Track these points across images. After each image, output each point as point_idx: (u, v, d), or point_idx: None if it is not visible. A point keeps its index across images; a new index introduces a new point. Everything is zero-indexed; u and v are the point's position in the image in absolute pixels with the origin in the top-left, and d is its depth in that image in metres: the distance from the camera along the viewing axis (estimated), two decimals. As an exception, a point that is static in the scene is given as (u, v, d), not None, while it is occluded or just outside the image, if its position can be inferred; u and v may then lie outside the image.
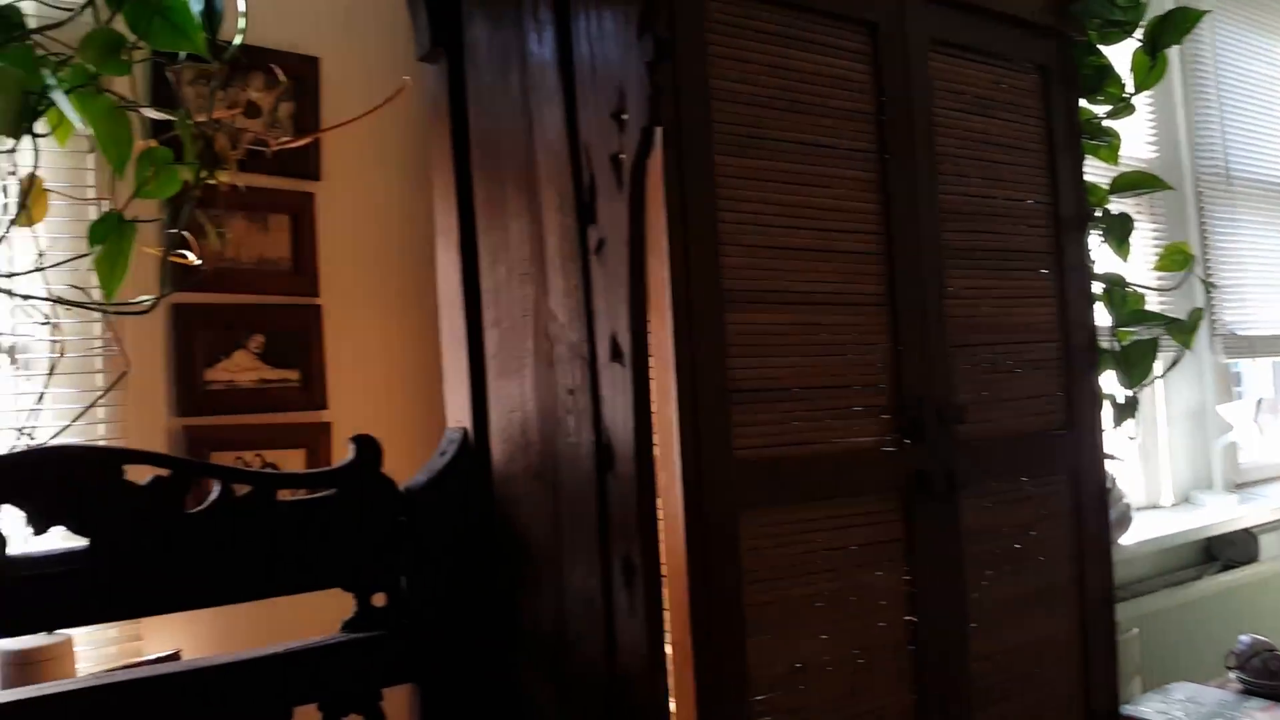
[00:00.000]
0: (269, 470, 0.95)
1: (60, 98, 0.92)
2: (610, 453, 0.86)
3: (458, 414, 1.05)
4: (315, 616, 1.15)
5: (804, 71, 1.07)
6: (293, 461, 1.41)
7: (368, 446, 1.00)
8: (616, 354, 0.85)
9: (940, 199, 1.19)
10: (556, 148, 0.90)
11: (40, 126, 1.02)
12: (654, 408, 0.87)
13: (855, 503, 1.05)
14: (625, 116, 0.83)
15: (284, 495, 0.99)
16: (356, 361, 1.45)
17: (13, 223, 1.01)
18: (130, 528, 0.89)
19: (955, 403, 1.15)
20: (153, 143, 1.07)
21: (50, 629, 0.91)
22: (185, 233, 1.14)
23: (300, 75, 1.41)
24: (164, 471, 0.91)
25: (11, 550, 0.84)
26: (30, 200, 1.02)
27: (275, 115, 1.38)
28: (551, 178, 0.91)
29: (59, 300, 0.99)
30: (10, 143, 1.00)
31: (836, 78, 1.11)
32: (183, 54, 1.08)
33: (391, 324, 1.49)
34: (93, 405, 1.13)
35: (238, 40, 1.10)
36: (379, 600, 1.00)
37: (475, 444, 1.04)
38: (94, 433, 1.28)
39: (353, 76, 1.45)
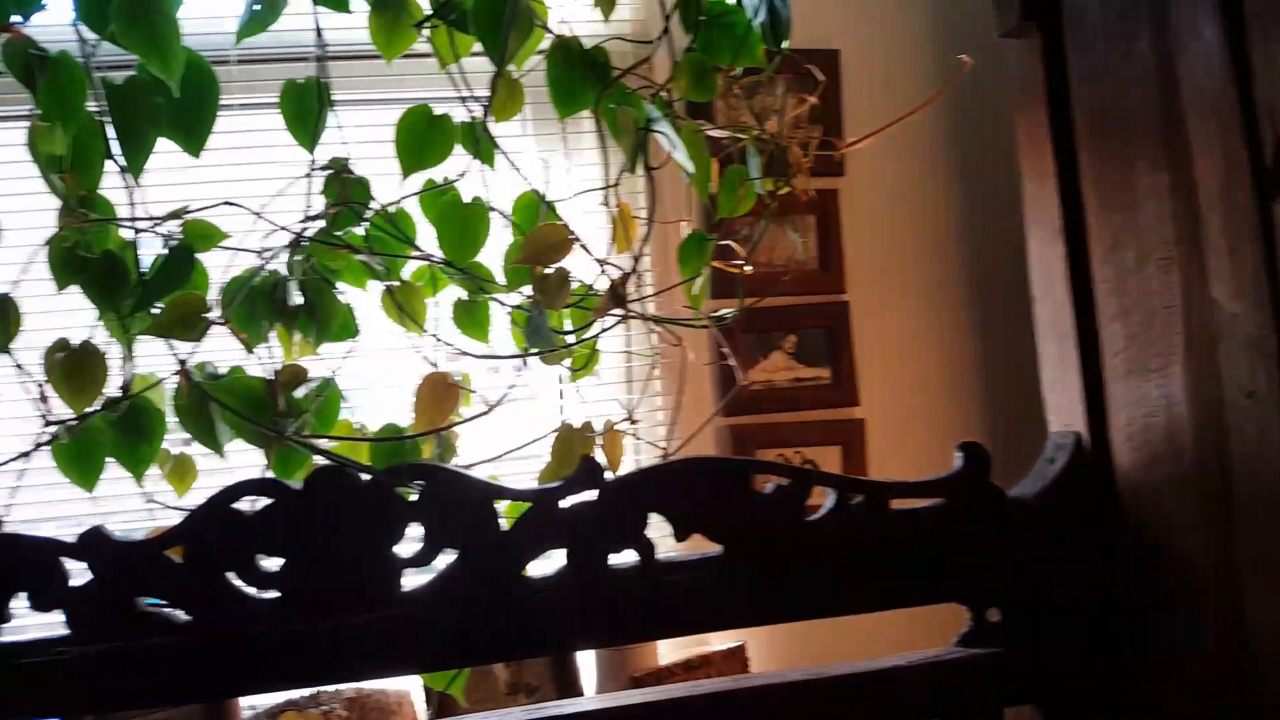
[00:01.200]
0: (884, 480, 0.93)
1: (667, 128, 0.97)
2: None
3: (1065, 416, 0.97)
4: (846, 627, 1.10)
5: None
6: (829, 458, 1.42)
7: (976, 454, 0.95)
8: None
9: None
10: (1219, 113, 0.78)
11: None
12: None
13: None
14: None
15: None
16: (886, 357, 1.42)
17: (610, 250, 1.08)
18: (757, 535, 0.91)
19: None
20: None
21: (690, 631, 0.96)
22: (732, 243, 1.17)
23: (822, 70, 1.41)
24: (784, 480, 0.92)
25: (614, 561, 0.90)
26: (623, 228, 1.09)
27: (802, 114, 1.39)
28: (1211, 148, 0.80)
29: (657, 319, 1.05)
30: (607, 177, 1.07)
31: None
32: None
33: (919, 317, 1.44)
34: (673, 408, 1.19)
35: (785, 45, 1.10)
36: (993, 615, 0.95)
37: (1092, 449, 0.95)
38: (655, 435, 1.37)
39: (871, 67, 1.42)
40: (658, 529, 0.91)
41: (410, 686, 1.42)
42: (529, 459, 1.04)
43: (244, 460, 1.00)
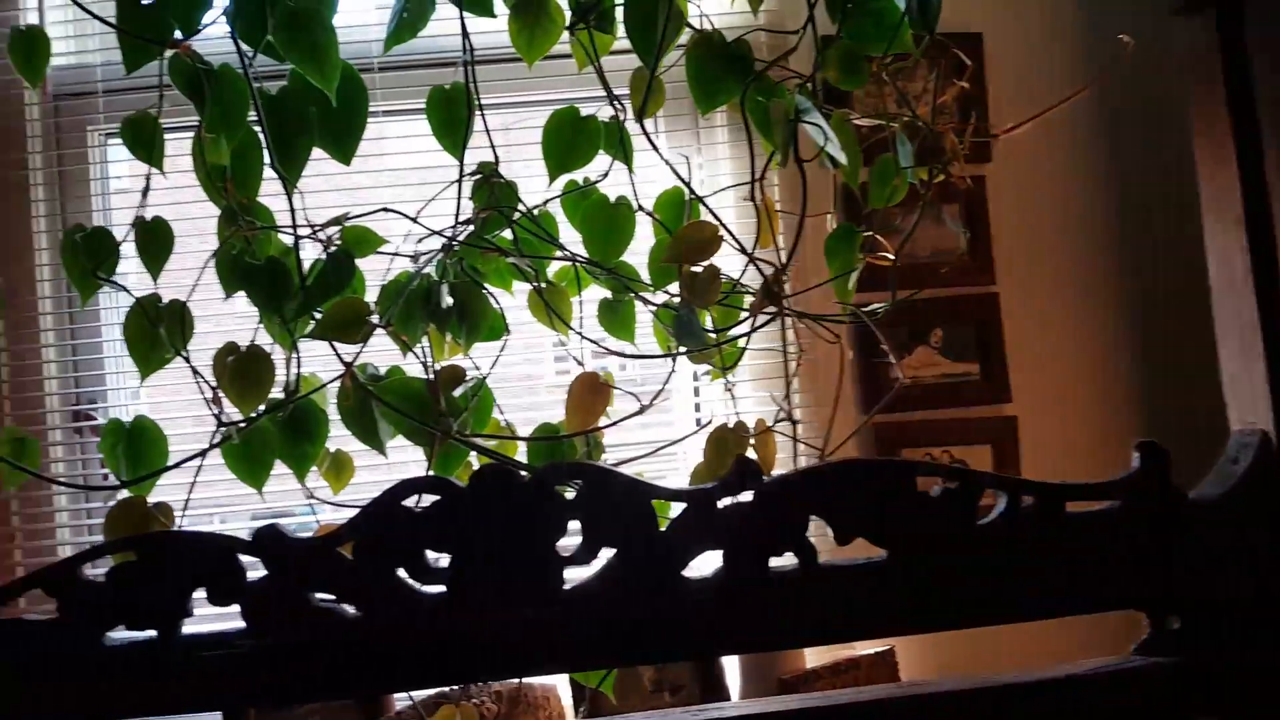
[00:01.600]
0: (1059, 483, 0.89)
1: (819, 119, 0.95)
2: None
3: (1249, 413, 0.91)
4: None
5: None
6: (979, 457, 1.37)
7: (1155, 454, 0.89)
8: None
9: None
10: None
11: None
12: None
13: None
14: None
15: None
16: (1038, 351, 1.36)
17: (756, 243, 1.07)
18: (924, 540, 0.88)
19: None
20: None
21: (852, 639, 0.94)
22: (876, 234, 1.14)
23: (966, 54, 1.36)
24: (951, 483, 0.89)
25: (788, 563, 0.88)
26: (767, 222, 1.07)
27: (948, 100, 1.34)
28: None
29: (815, 316, 1.03)
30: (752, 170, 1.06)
31: None
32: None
33: (1073, 308, 1.38)
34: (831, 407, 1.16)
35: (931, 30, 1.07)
36: (1173, 623, 0.90)
37: (1279, 448, 0.89)
38: (801, 434, 1.34)
39: (1014, 50, 1.37)
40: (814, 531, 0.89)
41: (556, 680, 1.44)
42: (668, 458, 1.04)
43: (386, 459, 1.03)
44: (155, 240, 0.99)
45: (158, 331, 0.96)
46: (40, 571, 0.96)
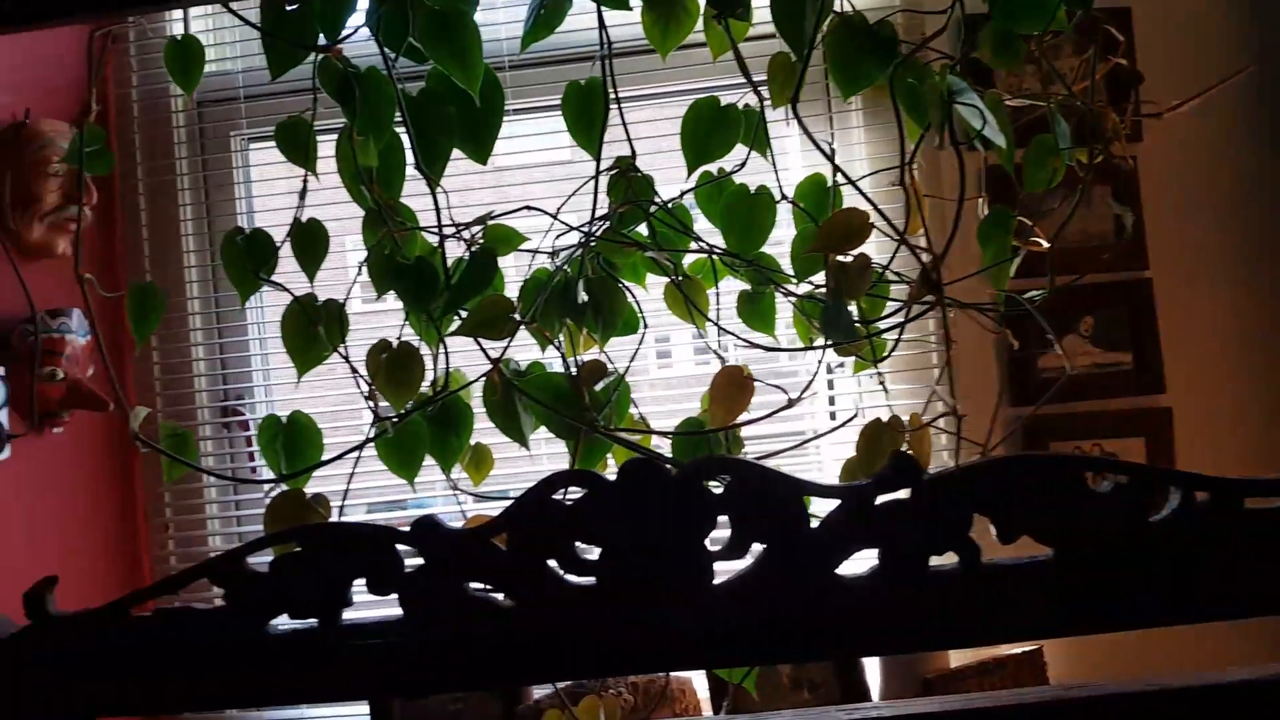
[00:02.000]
0: (1237, 478, 0.84)
1: (975, 100, 0.91)
2: None
3: None
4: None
5: None
6: (1132, 451, 1.31)
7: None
8: None
9: None
10: None
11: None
12: None
13: None
14: None
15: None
16: (1195, 340, 1.29)
17: (905, 230, 1.04)
18: (1093, 538, 0.85)
19: None
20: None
21: (1015, 640, 0.91)
22: (1025, 219, 1.09)
23: (1116, 30, 1.30)
24: (1122, 478, 0.85)
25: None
26: (916, 207, 1.04)
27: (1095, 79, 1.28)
28: None
29: (963, 304, 0.99)
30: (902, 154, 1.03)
31: None
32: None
33: (1231, 294, 1.30)
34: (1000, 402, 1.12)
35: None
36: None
37: None
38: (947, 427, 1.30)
39: (1164, 24, 1.30)
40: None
41: (693, 673, 1.43)
42: (800, 451, 1.02)
43: (529, 451, 1.04)
44: (312, 242, 1.02)
45: (315, 330, 0.99)
46: (208, 562, 1.00)
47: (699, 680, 1.45)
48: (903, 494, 0.85)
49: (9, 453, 1.40)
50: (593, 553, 0.91)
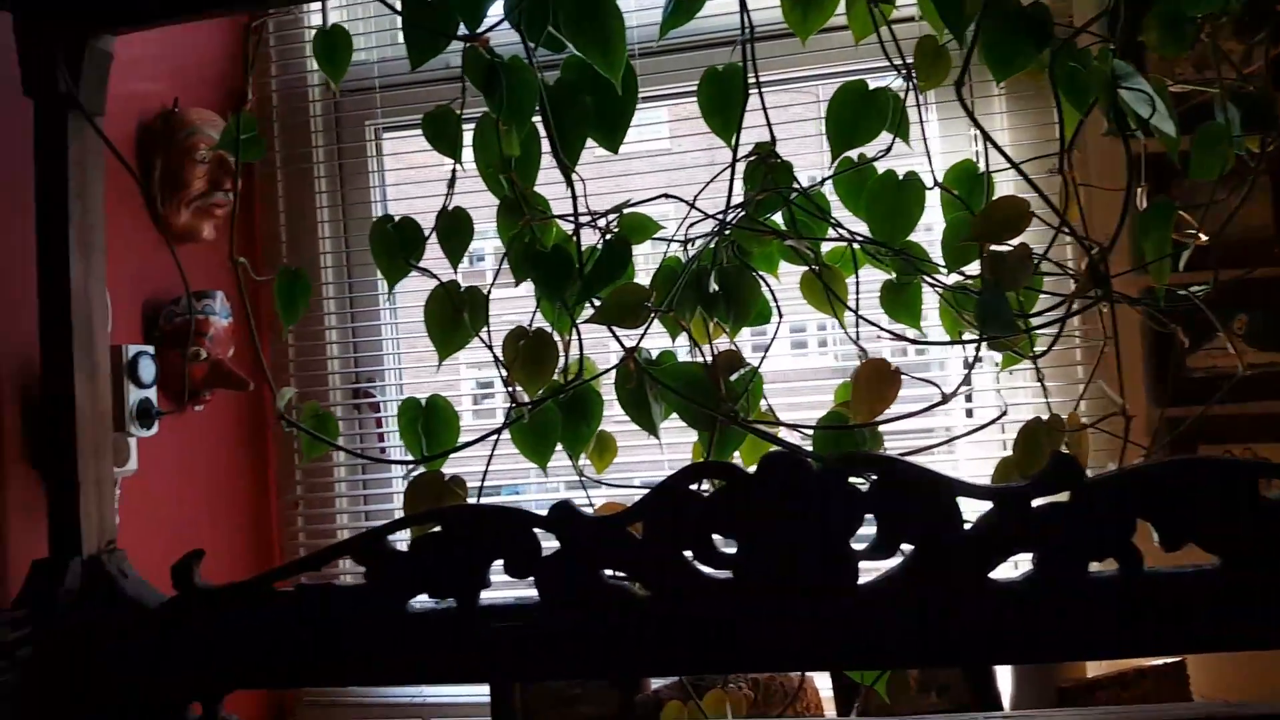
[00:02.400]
0: None
1: (1143, 85, 0.86)
2: None
3: None
4: None
5: None
6: (1291, 458, 1.23)
7: None
8: None
9: None
10: None
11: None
12: None
13: None
14: None
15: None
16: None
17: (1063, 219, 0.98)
18: (1264, 547, 0.80)
19: None
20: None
21: (1175, 653, 0.86)
22: (1184, 211, 1.03)
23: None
24: (1299, 486, 0.79)
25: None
26: (1075, 195, 0.99)
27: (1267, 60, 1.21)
28: None
29: (1132, 300, 0.94)
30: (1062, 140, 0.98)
31: None
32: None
33: None
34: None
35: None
36: None
37: None
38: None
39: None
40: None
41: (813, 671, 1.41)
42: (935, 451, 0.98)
43: (659, 440, 1.03)
44: (457, 229, 1.03)
45: (460, 315, 1.00)
46: (350, 540, 1.03)
47: (821, 679, 1.43)
48: (1061, 497, 0.81)
49: (158, 429, 1.47)
50: (730, 546, 0.90)
